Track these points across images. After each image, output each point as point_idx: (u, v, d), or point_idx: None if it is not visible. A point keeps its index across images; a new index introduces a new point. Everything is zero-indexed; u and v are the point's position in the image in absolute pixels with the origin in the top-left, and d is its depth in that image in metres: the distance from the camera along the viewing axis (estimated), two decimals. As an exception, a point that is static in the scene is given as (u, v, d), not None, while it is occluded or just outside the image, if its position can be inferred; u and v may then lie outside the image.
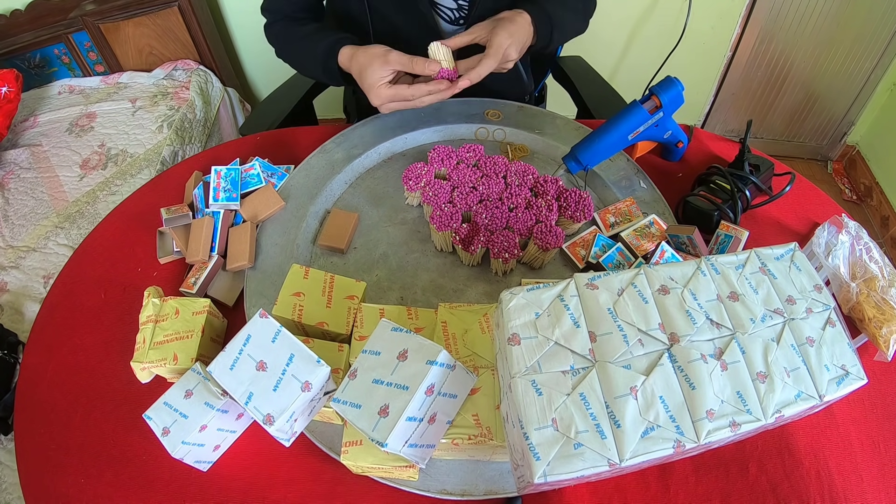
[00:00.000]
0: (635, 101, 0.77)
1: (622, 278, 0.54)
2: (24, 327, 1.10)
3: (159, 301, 0.64)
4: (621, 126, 0.76)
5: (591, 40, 1.78)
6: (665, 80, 0.76)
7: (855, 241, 0.76)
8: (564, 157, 0.78)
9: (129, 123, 1.55)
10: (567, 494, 0.58)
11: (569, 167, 0.77)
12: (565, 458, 0.44)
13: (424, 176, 0.77)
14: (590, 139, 0.76)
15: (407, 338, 0.51)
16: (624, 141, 0.77)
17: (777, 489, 0.59)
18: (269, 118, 1.06)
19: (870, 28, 1.70)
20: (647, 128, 0.77)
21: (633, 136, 0.76)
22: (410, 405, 0.47)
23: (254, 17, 1.79)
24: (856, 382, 0.52)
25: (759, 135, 2.07)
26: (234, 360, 0.53)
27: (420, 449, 0.51)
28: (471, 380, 0.55)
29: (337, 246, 0.75)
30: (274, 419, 0.50)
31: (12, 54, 1.63)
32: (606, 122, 0.76)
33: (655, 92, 0.76)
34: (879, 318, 0.68)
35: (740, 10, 1.72)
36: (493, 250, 0.70)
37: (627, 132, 0.76)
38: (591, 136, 0.76)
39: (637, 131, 0.76)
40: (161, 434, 0.55)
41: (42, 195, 1.38)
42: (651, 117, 0.76)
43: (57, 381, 0.67)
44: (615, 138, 0.76)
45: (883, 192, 1.88)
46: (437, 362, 0.49)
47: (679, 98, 0.76)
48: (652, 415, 0.46)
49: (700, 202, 0.77)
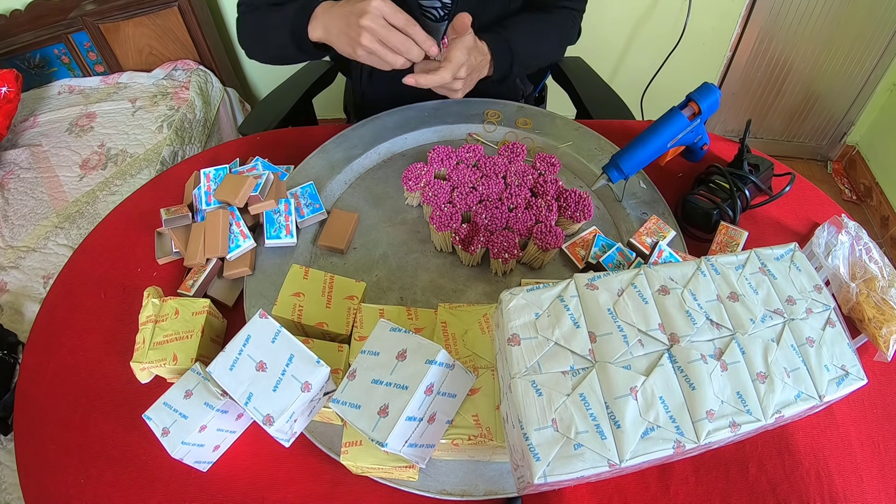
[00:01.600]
0: (675, 108, 0.75)
1: (622, 279, 0.54)
2: (24, 327, 1.10)
3: (159, 301, 0.64)
4: (663, 133, 0.75)
5: (591, 40, 1.78)
6: (703, 86, 0.75)
7: (855, 242, 0.76)
8: (605, 166, 0.76)
9: (128, 123, 1.55)
10: (567, 495, 0.58)
11: (610, 176, 0.76)
12: (565, 458, 0.44)
13: (424, 176, 0.77)
14: (632, 147, 0.74)
15: (406, 337, 0.51)
16: (663, 148, 0.76)
17: (777, 489, 0.59)
18: (269, 117, 1.06)
19: (870, 28, 1.70)
20: (684, 135, 0.76)
21: (672, 143, 0.76)
22: (410, 405, 0.47)
23: (254, 17, 1.79)
24: (856, 383, 0.52)
25: (758, 135, 2.07)
26: (233, 361, 0.53)
27: (420, 449, 0.51)
28: (470, 379, 0.55)
29: (337, 246, 0.75)
30: (274, 419, 0.50)
31: (12, 54, 1.64)
32: (647, 129, 0.75)
33: (694, 98, 0.75)
34: (879, 319, 0.68)
35: (740, 10, 1.72)
36: (492, 250, 0.70)
37: (668, 139, 0.75)
38: (633, 144, 0.75)
39: (676, 139, 0.76)
40: (161, 434, 0.55)
41: (42, 195, 1.38)
42: (690, 124, 0.75)
43: (57, 381, 0.67)
44: (657, 146, 0.75)
45: (883, 193, 1.88)
46: (436, 361, 0.49)
47: (716, 104, 0.75)
48: (652, 415, 0.46)
49: (700, 201, 0.77)
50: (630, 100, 1.15)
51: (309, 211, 0.76)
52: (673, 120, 0.75)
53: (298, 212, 0.75)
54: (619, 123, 0.98)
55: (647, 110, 1.88)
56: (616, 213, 0.81)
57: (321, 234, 0.77)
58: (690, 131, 0.77)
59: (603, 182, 0.77)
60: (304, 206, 0.76)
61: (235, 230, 0.72)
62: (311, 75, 1.17)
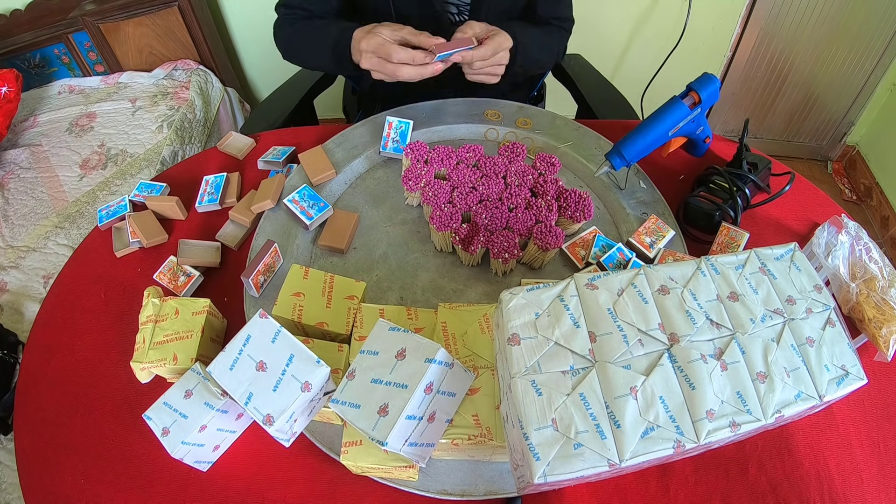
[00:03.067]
0: (675, 97, 0.77)
1: (622, 278, 0.54)
2: (24, 327, 1.10)
3: (159, 301, 0.64)
4: (664, 121, 0.76)
5: (592, 40, 1.79)
6: (703, 76, 0.76)
7: (855, 242, 0.76)
8: (608, 153, 0.77)
9: (128, 123, 1.55)
10: (567, 494, 0.58)
11: (613, 163, 0.77)
12: (565, 458, 0.44)
13: (424, 176, 0.77)
14: (634, 135, 0.76)
15: (405, 337, 0.51)
16: (665, 136, 0.77)
17: (777, 489, 0.59)
18: (270, 118, 1.06)
19: (870, 28, 1.70)
20: (685, 124, 0.77)
21: (673, 131, 0.77)
22: (410, 403, 0.47)
23: (254, 17, 1.80)
24: (856, 382, 0.52)
25: (758, 135, 2.07)
26: (233, 361, 0.53)
27: (420, 448, 0.51)
28: (469, 378, 0.55)
29: (337, 246, 0.75)
30: (274, 419, 0.50)
31: (12, 54, 1.64)
32: (649, 117, 0.76)
33: (694, 88, 0.76)
34: (879, 319, 0.68)
35: (740, 10, 1.72)
36: (492, 250, 0.70)
37: (669, 128, 0.76)
38: (635, 131, 0.76)
39: (677, 127, 0.77)
40: (161, 434, 0.55)
41: (42, 195, 1.38)
42: (691, 113, 0.76)
43: (57, 381, 0.67)
44: (658, 134, 0.76)
45: (883, 193, 1.88)
46: (435, 360, 0.49)
47: (716, 94, 0.77)
48: (652, 415, 0.46)
49: (701, 202, 0.77)
50: (630, 99, 1.15)
51: (316, 211, 0.77)
52: (674, 108, 0.76)
53: (305, 214, 0.76)
54: (619, 123, 0.98)
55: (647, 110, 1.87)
56: (616, 213, 0.81)
57: (321, 234, 0.77)
58: (692, 121, 0.78)
59: (606, 169, 0.77)
60: (308, 209, 0.77)
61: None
62: (312, 76, 1.17)
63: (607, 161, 0.77)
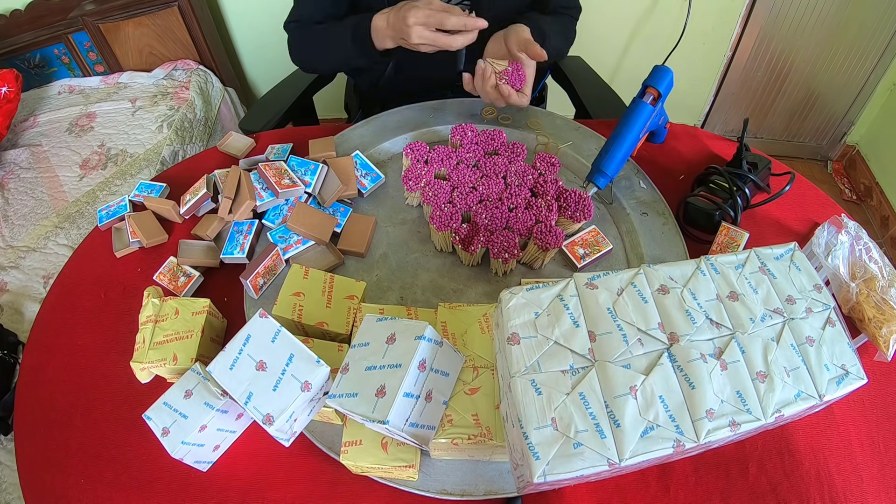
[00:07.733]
0: (636, 98, 0.76)
1: (621, 278, 0.54)
2: (24, 327, 1.10)
3: (159, 301, 0.64)
4: (633, 126, 0.75)
5: (591, 40, 1.79)
6: (655, 70, 0.76)
7: (855, 242, 0.76)
8: (589, 175, 0.77)
9: (128, 123, 1.55)
10: (567, 494, 0.58)
11: (597, 184, 0.76)
12: (565, 457, 0.44)
13: (424, 176, 0.77)
14: (609, 149, 0.75)
15: (392, 323, 0.52)
16: (637, 140, 0.77)
17: (777, 489, 0.59)
18: (269, 115, 1.06)
19: (870, 28, 1.70)
20: (651, 120, 0.77)
21: (643, 131, 0.77)
22: (406, 381, 0.48)
23: (254, 17, 1.80)
24: (856, 382, 0.52)
25: (758, 135, 2.07)
26: (233, 360, 0.53)
27: (421, 430, 0.51)
28: (459, 359, 0.56)
29: (357, 250, 0.75)
30: (273, 419, 0.50)
31: (12, 54, 1.63)
32: (617, 127, 0.76)
33: (651, 84, 0.76)
34: (879, 318, 0.68)
35: (740, 10, 1.72)
36: (492, 250, 0.70)
37: (639, 130, 0.76)
38: (609, 145, 0.75)
39: (646, 127, 0.77)
40: (161, 434, 0.55)
41: (42, 195, 1.38)
42: (654, 109, 0.76)
43: (57, 381, 0.67)
44: (630, 140, 0.75)
45: (883, 192, 1.88)
46: (424, 337, 0.50)
47: (671, 83, 0.77)
48: (651, 414, 0.46)
49: (701, 202, 0.77)
50: (630, 99, 1.15)
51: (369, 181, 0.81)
52: (638, 111, 0.76)
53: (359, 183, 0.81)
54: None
55: (647, 110, 1.88)
56: (616, 213, 0.81)
57: (340, 238, 0.76)
58: (656, 116, 0.78)
59: (594, 191, 0.77)
60: (361, 178, 0.81)
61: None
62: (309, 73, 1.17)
63: (591, 183, 0.77)
